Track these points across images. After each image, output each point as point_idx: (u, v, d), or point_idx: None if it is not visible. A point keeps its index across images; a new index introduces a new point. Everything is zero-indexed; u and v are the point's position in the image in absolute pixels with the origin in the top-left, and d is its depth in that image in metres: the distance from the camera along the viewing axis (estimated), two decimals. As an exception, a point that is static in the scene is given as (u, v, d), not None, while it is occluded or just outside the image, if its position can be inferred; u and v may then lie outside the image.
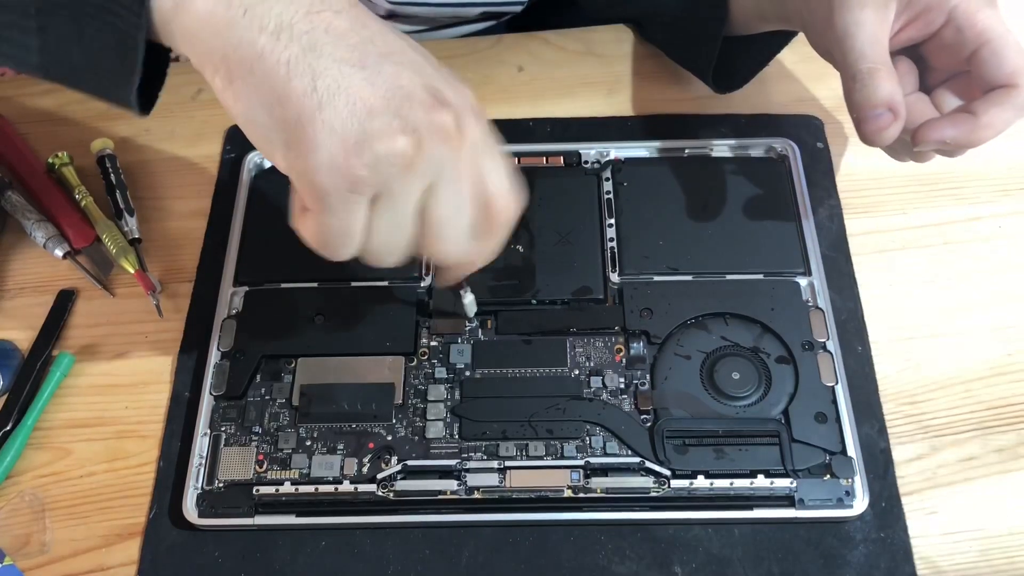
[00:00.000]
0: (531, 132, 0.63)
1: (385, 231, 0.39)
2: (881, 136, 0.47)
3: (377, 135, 0.36)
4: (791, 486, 0.48)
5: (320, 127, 0.36)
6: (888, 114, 0.46)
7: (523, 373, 0.52)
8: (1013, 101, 0.47)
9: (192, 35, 0.38)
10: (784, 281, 0.55)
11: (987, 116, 0.47)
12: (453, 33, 0.73)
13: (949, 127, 0.47)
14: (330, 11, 0.38)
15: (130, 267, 0.57)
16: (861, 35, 0.47)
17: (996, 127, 0.47)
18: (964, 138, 0.47)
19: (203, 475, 0.50)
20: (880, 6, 0.47)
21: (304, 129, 0.36)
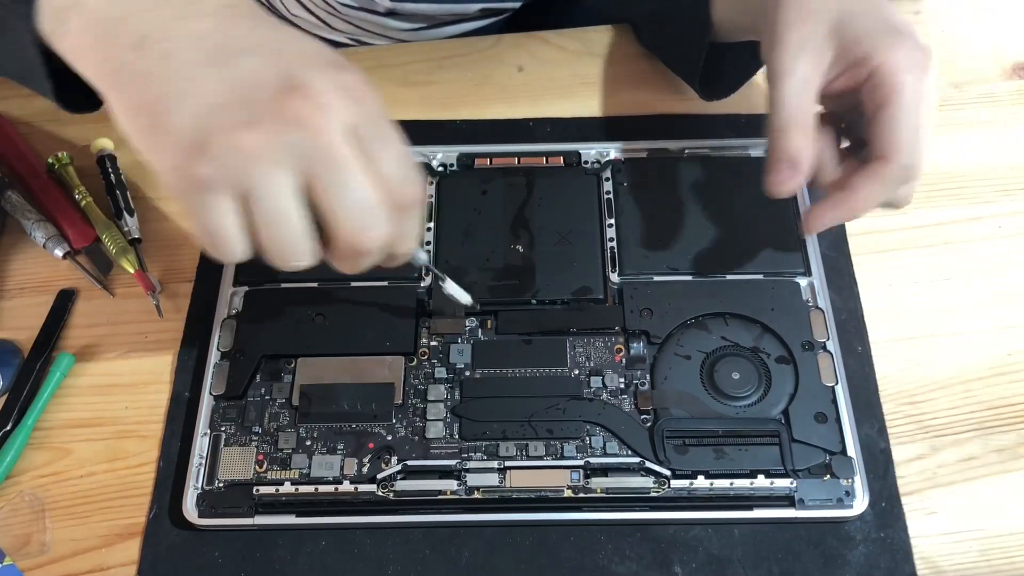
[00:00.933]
0: (531, 132, 0.63)
1: (268, 227, 0.38)
2: (778, 189, 0.47)
3: (217, 131, 0.36)
4: (791, 486, 0.48)
5: (167, 131, 0.36)
6: (788, 169, 0.46)
7: (523, 373, 0.52)
8: (882, 176, 0.46)
9: (75, 54, 0.39)
10: (784, 281, 0.55)
11: (861, 191, 0.46)
12: (453, 31, 0.73)
13: (829, 211, 0.48)
14: (195, 16, 0.38)
15: (130, 267, 0.57)
16: (790, 83, 0.47)
17: (869, 202, 0.47)
18: (844, 217, 0.48)
19: (203, 475, 0.50)
20: (814, 56, 0.47)
21: (155, 135, 0.37)
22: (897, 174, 0.46)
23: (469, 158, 0.60)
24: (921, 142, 0.46)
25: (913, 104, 0.45)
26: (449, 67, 0.67)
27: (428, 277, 0.55)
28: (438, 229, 0.57)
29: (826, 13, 0.47)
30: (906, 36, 0.46)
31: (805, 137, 0.47)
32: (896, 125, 0.45)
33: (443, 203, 0.58)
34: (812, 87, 0.47)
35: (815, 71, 0.47)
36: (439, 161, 0.60)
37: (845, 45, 0.46)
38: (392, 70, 0.67)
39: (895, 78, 0.45)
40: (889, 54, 0.45)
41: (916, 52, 0.46)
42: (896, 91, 0.45)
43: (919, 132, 0.45)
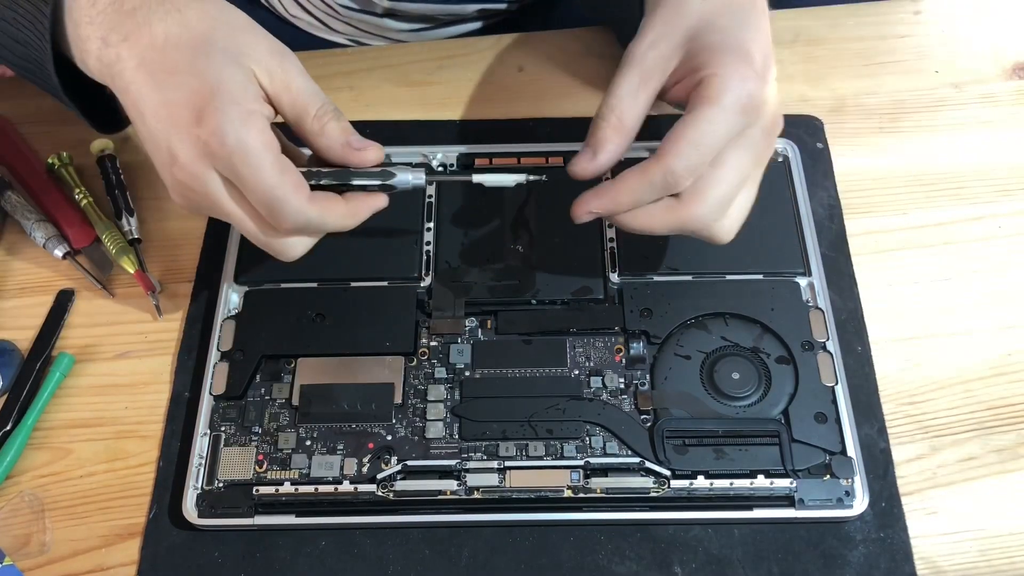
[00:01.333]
0: (531, 132, 0.63)
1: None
2: (574, 171, 0.46)
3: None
4: (791, 486, 0.48)
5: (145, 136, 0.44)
6: (589, 153, 0.46)
7: (523, 373, 0.52)
8: (645, 171, 0.44)
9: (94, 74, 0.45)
10: (784, 281, 0.55)
11: (622, 183, 0.45)
12: (451, 32, 0.73)
13: (593, 198, 0.46)
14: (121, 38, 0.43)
15: (130, 267, 0.57)
16: (630, 76, 0.46)
17: (628, 195, 0.45)
18: (606, 208, 0.46)
19: (203, 475, 0.50)
20: (663, 55, 0.45)
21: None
22: (660, 177, 0.43)
23: (469, 158, 0.60)
24: (699, 160, 0.43)
25: (715, 121, 0.43)
26: (449, 67, 0.67)
27: (428, 277, 0.55)
28: (438, 229, 0.57)
29: (689, 18, 0.46)
30: (751, 66, 0.44)
31: (617, 131, 0.45)
32: (685, 130, 0.43)
33: (443, 203, 0.58)
34: (650, 86, 0.46)
35: (659, 69, 0.46)
36: (439, 161, 0.60)
37: (692, 52, 0.45)
38: (392, 70, 0.67)
39: (713, 91, 0.43)
40: (721, 69, 0.43)
41: (752, 82, 0.43)
42: (707, 103, 0.43)
43: (703, 151, 0.43)
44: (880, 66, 0.66)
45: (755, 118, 0.44)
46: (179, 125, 0.42)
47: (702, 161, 0.43)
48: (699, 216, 0.45)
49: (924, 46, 0.67)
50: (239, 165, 0.41)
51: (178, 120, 0.42)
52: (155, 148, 0.43)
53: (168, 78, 0.42)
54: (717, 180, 0.44)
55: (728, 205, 0.46)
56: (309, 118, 0.44)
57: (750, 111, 0.44)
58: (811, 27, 0.67)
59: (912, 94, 0.65)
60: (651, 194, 0.45)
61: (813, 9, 0.68)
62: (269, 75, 0.43)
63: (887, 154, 0.62)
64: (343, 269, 0.56)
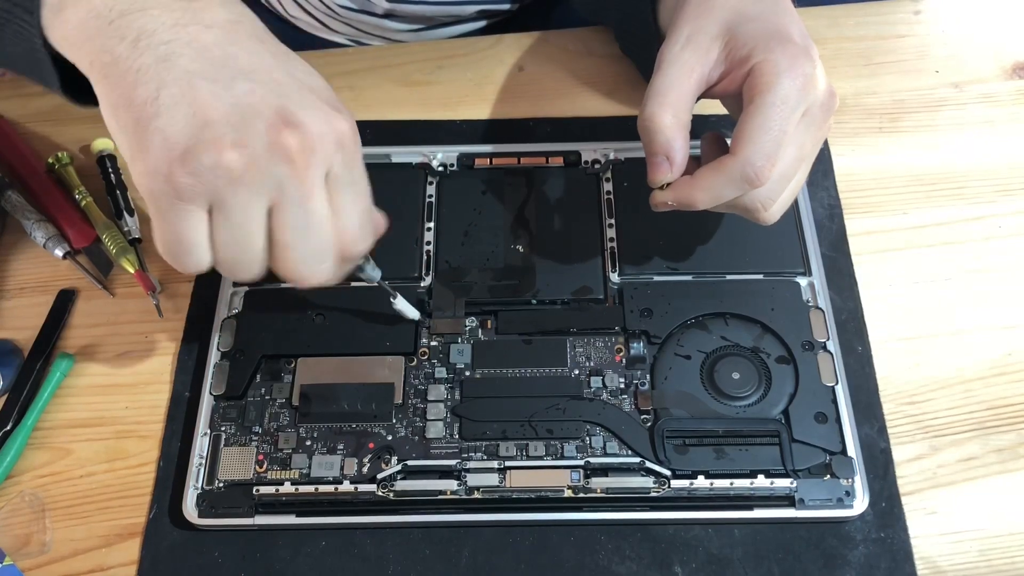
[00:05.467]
0: (531, 132, 0.63)
1: (228, 245, 0.39)
2: (654, 182, 0.47)
3: (205, 145, 0.36)
4: (791, 486, 0.48)
5: (153, 133, 0.37)
6: (665, 163, 0.46)
7: (523, 373, 0.52)
8: (724, 169, 0.45)
9: (69, 42, 0.40)
10: (784, 281, 0.55)
11: (700, 180, 0.46)
12: (450, 32, 0.73)
13: (670, 193, 0.47)
14: (199, 25, 0.39)
15: (130, 267, 0.57)
16: (669, 72, 0.46)
17: (706, 193, 0.46)
18: (683, 202, 0.47)
19: (203, 475, 0.50)
20: (701, 49, 0.46)
21: (140, 135, 0.37)
22: (739, 171, 0.44)
23: (469, 158, 0.60)
24: (774, 146, 0.44)
25: (779, 105, 0.44)
26: (449, 67, 0.67)
27: (428, 277, 0.55)
28: (438, 229, 0.57)
29: (720, 11, 0.46)
30: (797, 46, 0.45)
31: (680, 129, 0.46)
32: (751, 120, 0.44)
33: (443, 203, 0.58)
34: (693, 78, 0.46)
35: (699, 63, 0.46)
36: (439, 161, 0.60)
37: (733, 45, 0.46)
38: (392, 70, 0.67)
39: (769, 77, 0.44)
40: (771, 55, 0.44)
41: (803, 61, 0.44)
42: (766, 89, 0.44)
43: (775, 136, 0.44)
44: (880, 66, 0.66)
45: (813, 94, 0.45)
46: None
47: (777, 148, 0.44)
48: (760, 195, 0.46)
49: (924, 46, 0.67)
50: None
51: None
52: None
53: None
54: (780, 159, 0.45)
55: (786, 186, 0.46)
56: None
57: (808, 89, 0.44)
58: (811, 27, 0.66)
59: (912, 94, 0.65)
60: (731, 188, 0.45)
61: (813, 9, 0.68)
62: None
63: (887, 154, 0.62)
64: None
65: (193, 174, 0.36)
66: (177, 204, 0.37)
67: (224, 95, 0.37)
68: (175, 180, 0.36)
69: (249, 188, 0.37)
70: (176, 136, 0.37)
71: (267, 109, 0.37)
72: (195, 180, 0.36)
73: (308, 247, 0.40)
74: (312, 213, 0.39)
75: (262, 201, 0.38)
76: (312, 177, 0.38)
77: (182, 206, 0.37)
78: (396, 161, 0.60)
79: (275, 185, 0.38)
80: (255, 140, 0.37)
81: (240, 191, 0.37)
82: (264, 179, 0.37)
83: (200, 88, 0.37)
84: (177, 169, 0.36)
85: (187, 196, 0.37)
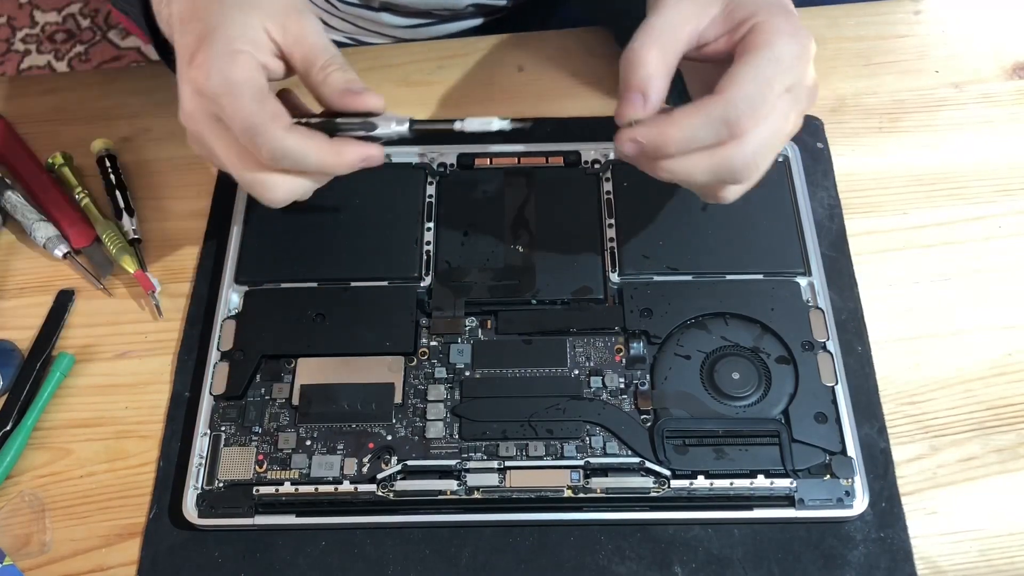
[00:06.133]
0: (531, 132, 0.63)
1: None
2: (623, 116, 0.44)
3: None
4: (791, 486, 0.48)
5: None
6: (639, 99, 0.44)
7: (523, 373, 0.52)
8: (707, 107, 0.42)
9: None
10: (784, 281, 0.55)
11: (678, 115, 0.43)
12: (449, 29, 0.73)
13: (643, 128, 0.44)
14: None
15: (130, 267, 0.57)
16: (666, 14, 0.45)
17: (684, 132, 0.43)
18: (654, 139, 0.43)
19: (203, 475, 0.50)
20: (700, 2, 0.45)
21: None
22: (720, 112, 0.42)
23: (469, 158, 0.60)
24: (760, 98, 0.42)
25: (774, 60, 0.43)
26: (449, 67, 0.67)
27: (428, 277, 0.55)
28: (438, 229, 0.57)
29: None
30: (795, 18, 0.45)
31: (663, 67, 0.44)
32: (742, 68, 0.43)
33: (443, 203, 0.58)
34: (689, 27, 0.45)
35: (696, 15, 0.45)
36: (439, 161, 0.60)
37: (735, 5, 0.45)
38: (392, 70, 0.67)
39: (769, 35, 0.43)
40: (774, 18, 0.44)
41: (803, 34, 0.44)
42: (764, 44, 0.43)
43: (762, 88, 0.42)
44: (880, 66, 0.66)
45: (804, 72, 0.44)
46: (182, 67, 0.44)
47: (763, 99, 0.43)
48: (740, 159, 0.44)
49: (924, 46, 0.67)
50: (220, 97, 0.43)
51: (182, 62, 0.44)
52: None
53: (186, 24, 0.45)
54: (764, 123, 0.43)
55: (766, 158, 0.45)
56: (315, 69, 0.45)
57: (803, 60, 0.44)
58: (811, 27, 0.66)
59: (912, 94, 0.65)
60: (708, 131, 0.43)
61: (813, 9, 0.68)
62: (282, 29, 0.45)
63: (887, 154, 0.62)
64: (343, 269, 0.56)
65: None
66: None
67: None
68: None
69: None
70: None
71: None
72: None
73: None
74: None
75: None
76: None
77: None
78: (396, 161, 0.60)
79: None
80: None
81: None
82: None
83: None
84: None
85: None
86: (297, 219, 0.57)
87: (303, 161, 0.44)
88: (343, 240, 0.56)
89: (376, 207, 0.58)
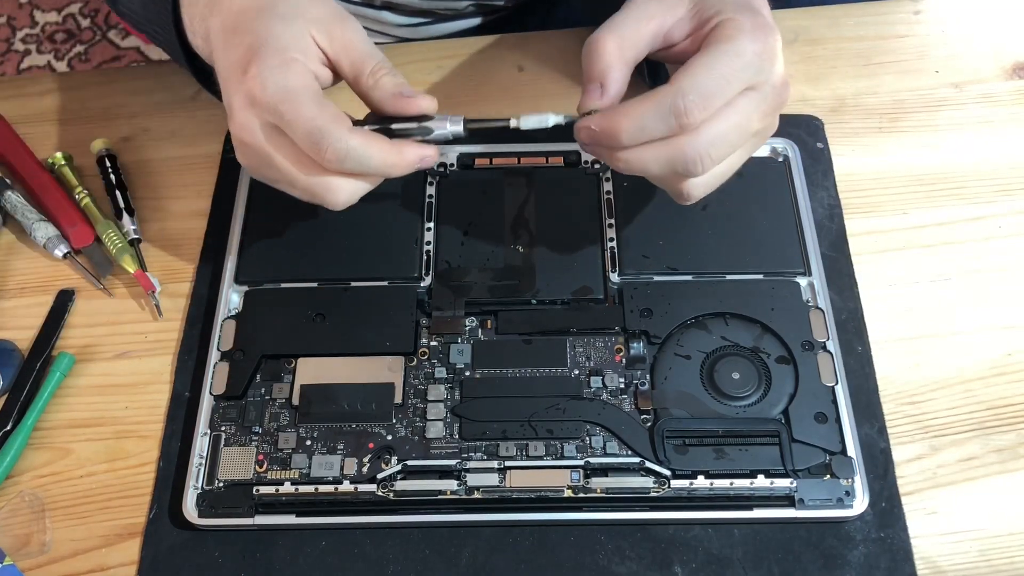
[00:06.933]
0: (531, 132, 0.63)
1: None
2: (582, 107, 0.45)
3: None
4: (791, 486, 0.48)
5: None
6: (598, 89, 0.45)
7: (523, 373, 0.52)
8: (656, 97, 0.42)
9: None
10: (784, 281, 0.55)
11: (629, 106, 0.43)
12: (449, 29, 0.73)
13: (597, 119, 0.44)
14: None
15: (130, 267, 0.57)
16: (630, 11, 0.45)
17: (634, 122, 0.42)
18: (607, 129, 0.43)
19: (203, 475, 0.50)
20: (666, 2, 0.45)
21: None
22: (669, 101, 0.42)
23: (469, 158, 0.60)
24: (714, 89, 0.42)
25: (731, 55, 0.42)
26: (449, 67, 0.67)
27: (428, 277, 0.55)
28: (438, 229, 0.57)
29: None
30: (766, 19, 0.44)
31: (621, 60, 0.45)
32: (698, 59, 0.42)
33: (443, 203, 0.58)
34: (653, 23, 0.45)
35: (662, 12, 0.45)
36: (439, 161, 0.60)
37: (702, 5, 0.45)
38: (392, 70, 0.67)
39: (730, 30, 0.43)
40: (738, 15, 0.43)
41: (767, 32, 0.43)
42: (723, 39, 0.43)
43: (717, 80, 0.42)
44: (880, 66, 0.66)
45: (769, 69, 0.44)
46: (232, 79, 0.44)
47: (718, 92, 0.42)
48: (692, 150, 0.43)
49: (924, 46, 0.67)
50: (279, 105, 0.43)
51: (232, 75, 0.44)
52: (226, 109, 0.46)
53: (231, 38, 0.45)
54: (721, 117, 0.43)
55: (721, 152, 0.44)
56: (365, 75, 0.46)
57: (766, 58, 0.43)
58: (811, 27, 0.67)
59: (912, 94, 0.65)
60: (658, 120, 0.42)
61: (813, 9, 0.68)
62: (329, 36, 0.45)
63: (887, 154, 0.62)
64: (343, 269, 0.56)
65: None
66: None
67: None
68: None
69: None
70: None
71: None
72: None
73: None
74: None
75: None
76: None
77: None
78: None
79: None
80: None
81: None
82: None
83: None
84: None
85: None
86: (297, 219, 0.57)
87: (367, 162, 0.44)
88: (343, 240, 0.56)
89: (376, 207, 0.58)
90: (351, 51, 0.46)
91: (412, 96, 0.46)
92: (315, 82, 0.44)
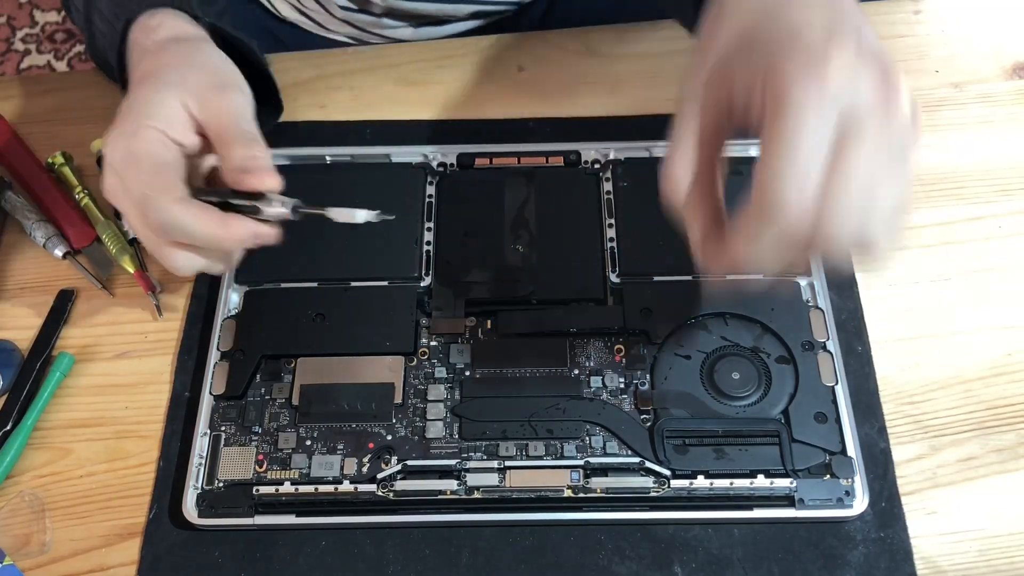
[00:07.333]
0: (531, 132, 0.63)
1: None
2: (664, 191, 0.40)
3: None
4: (791, 486, 0.48)
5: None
6: (667, 180, 0.40)
7: (523, 373, 0.52)
8: (745, 227, 0.35)
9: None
10: (784, 281, 0.55)
11: (731, 244, 0.37)
12: (449, 31, 0.73)
13: (713, 262, 0.39)
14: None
15: (130, 267, 0.57)
16: (685, 111, 0.39)
17: (743, 255, 0.37)
18: (729, 270, 0.38)
19: (203, 475, 0.50)
20: (721, 71, 0.38)
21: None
22: (761, 224, 0.35)
23: (469, 158, 0.60)
24: (801, 166, 0.33)
25: (792, 116, 0.33)
26: (449, 67, 0.67)
27: (428, 277, 0.55)
28: (438, 229, 0.57)
29: (744, 15, 0.38)
30: (812, 40, 0.35)
31: (680, 151, 0.39)
32: (764, 156, 0.34)
33: (443, 203, 0.58)
34: (710, 116, 0.39)
35: (715, 95, 0.38)
36: (439, 161, 0.60)
37: (751, 60, 0.36)
38: (392, 70, 0.67)
39: (779, 91, 0.34)
40: (780, 60, 0.34)
41: (820, 58, 0.34)
42: (776, 111, 0.34)
43: (795, 153, 0.33)
44: (880, 66, 0.66)
45: (852, 93, 0.34)
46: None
47: (806, 167, 0.34)
48: (835, 235, 0.35)
49: (924, 46, 0.67)
50: (123, 170, 0.45)
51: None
52: None
53: (124, 101, 0.47)
54: (839, 186, 0.34)
55: (868, 209, 0.35)
56: (220, 144, 0.46)
57: (839, 85, 0.34)
58: (811, 27, 0.67)
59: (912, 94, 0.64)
60: (771, 242, 0.36)
61: (813, 9, 0.68)
62: (201, 105, 0.46)
63: (887, 154, 0.62)
64: (343, 269, 0.56)
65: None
66: None
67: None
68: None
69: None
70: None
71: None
72: None
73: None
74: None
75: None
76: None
77: None
78: (396, 161, 0.60)
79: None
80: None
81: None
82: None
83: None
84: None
85: None
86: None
87: (191, 233, 0.45)
88: (343, 240, 0.56)
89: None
90: (218, 119, 0.46)
91: (252, 172, 0.45)
92: (164, 150, 0.45)
